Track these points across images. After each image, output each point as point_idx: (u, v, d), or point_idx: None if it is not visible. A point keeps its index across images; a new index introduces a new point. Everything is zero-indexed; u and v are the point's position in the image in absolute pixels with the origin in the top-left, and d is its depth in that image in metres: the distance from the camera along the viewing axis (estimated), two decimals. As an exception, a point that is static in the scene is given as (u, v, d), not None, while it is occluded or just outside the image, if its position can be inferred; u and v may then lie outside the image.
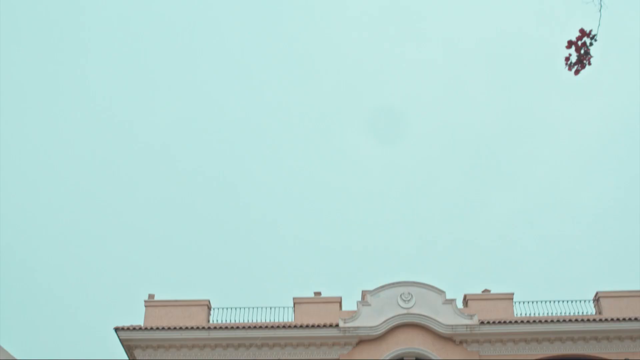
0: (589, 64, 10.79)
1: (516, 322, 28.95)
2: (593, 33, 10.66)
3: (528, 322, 28.90)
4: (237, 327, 29.33)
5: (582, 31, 10.72)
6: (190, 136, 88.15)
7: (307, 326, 29.14)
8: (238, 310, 30.39)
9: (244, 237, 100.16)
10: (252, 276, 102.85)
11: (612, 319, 28.91)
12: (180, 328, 29.15)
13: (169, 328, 29.12)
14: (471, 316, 29.19)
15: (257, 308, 30.38)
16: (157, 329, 29.10)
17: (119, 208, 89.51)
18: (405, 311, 29.55)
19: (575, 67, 10.82)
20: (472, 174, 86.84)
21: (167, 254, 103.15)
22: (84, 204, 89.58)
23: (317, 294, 31.46)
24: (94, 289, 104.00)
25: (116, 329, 28.82)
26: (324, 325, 29.14)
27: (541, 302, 30.39)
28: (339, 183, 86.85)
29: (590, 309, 30.56)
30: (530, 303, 30.46)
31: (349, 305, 31.22)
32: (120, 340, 29.07)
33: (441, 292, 29.92)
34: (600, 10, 10.52)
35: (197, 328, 29.21)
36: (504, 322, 29.02)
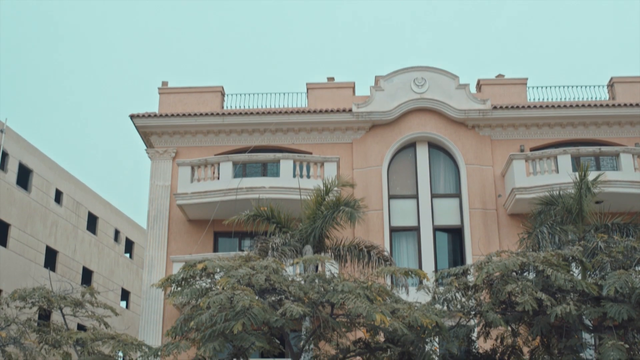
0: None
1: (529, 106, 28.96)
2: None
3: (541, 107, 28.91)
4: (251, 113, 29.56)
5: None
6: None
7: (320, 111, 29.32)
8: (251, 96, 30.51)
9: (256, 22, 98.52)
10: (264, 62, 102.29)
11: (625, 104, 28.88)
12: (195, 114, 29.42)
13: (183, 115, 29.39)
14: (484, 101, 29.19)
15: (271, 94, 30.47)
16: (172, 115, 29.38)
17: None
18: (418, 96, 29.55)
19: None
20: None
21: (180, 40, 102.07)
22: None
23: (331, 79, 31.38)
24: (109, 78, 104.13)
25: (131, 116, 29.13)
26: (337, 110, 29.31)
27: (555, 87, 30.25)
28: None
29: (604, 95, 30.49)
30: (544, 88, 30.36)
31: (362, 91, 31.24)
32: (136, 127, 29.45)
33: (454, 77, 29.75)
34: None
35: (212, 114, 29.46)
36: (517, 106, 29.06)
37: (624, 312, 14.15)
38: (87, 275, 41.56)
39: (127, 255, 47.38)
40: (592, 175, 22.58)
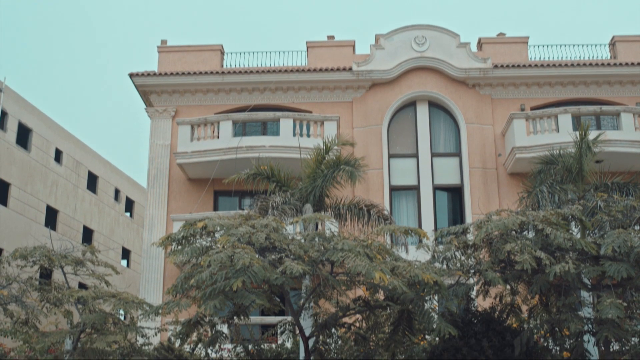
0: None
1: (530, 65, 28.83)
2: None
3: (542, 65, 28.78)
4: (251, 72, 29.43)
5: None
6: None
7: (320, 70, 29.18)
8: (251, 54, 30.36)
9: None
10: (264, 21, 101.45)
11: (626, 63, 28.74)
12: (194, 73, 29.28)
13: (182, 73, 29.26)
14: (485, 60, 29.04)
15: (271, 52, 30.32)
16: (171, 74, 29.24)
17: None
18: (418, 54, 29.40)
19: None
20: None
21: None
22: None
23: (331, 38, 31.19)
24: (109, 37, 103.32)
25: (131, 75, 28.99)
26: (338, 69, 29.17)
27: (556, 46, 30.09)
28: None
29: (605, 54, 30.32)
30: (545, 47, 30.19)
31: (362, 49, 31.10)
32: (135, 86, 29.33)
33: (455, 36, 29.56)
34: None
35: (211, 73, 29.33)
36: (518, 65, 28.92)
37: (623, 270, 14.19)
38: (87, 234, 41.71)
39: (128, 214, 47.49)
40: (592, 135, 22.52)
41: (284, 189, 20.88)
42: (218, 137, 27.68)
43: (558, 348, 18.51)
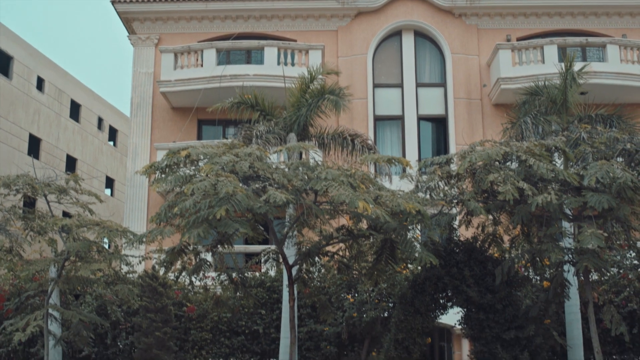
0: None
1: (517, -5, 28.56)
2: None
3: (529, -5, 28.51)
4: (235, -1, 29.01)
5: None
6: None
7: (305, -2, 28.82)
8: (235, -19, 29.85)
9: None
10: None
11: (614, -6, 28.53)
12: (178, 0, 28.82)
13: (165, 0, 28.78)
14: (472, -11, 28.73)
15: (255, -21, 29.81)
16: (154, 0, 28.76)
17: None
18: (405, -17, 29.03)
19: None
20: None
21: None
22: None
23: (316, -35, 30.66)
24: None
25: (113, 2, 28.48)
26: (323, -3, 28.81)
27: (544, -25, 29.76)
28: None
29: (593, -16, 30.04)
30: (533, -24, 29.86)
31: (348, -23, 30.65)
32: (118, 13, 28.84)
33: (443, -36, 29.17)
34: None
35: (195, 0, 28.88)
36: (505, -5, 28.63)
37: (604, 201, 14.28)
38: (71, 163, 41.54)
39: (111, 143, 47.25)
40: (577, 66, 22.45)
41: (268, 118, 20.78)
42: (202, 65, 27.41)
43: (538, 277, 18.81)
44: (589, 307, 15.87)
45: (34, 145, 38.03)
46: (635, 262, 20.17)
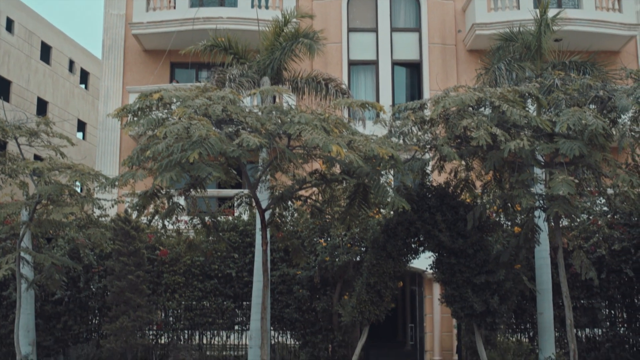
0: None
1: (494, -61, 28.27)
2: None
3: (506, -60, 28.24)
4: (208, -60, 28.48)
5: None
6: None
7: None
8: None
9: None
10: None
11: (591, -61, 28.32)
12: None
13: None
14: None
15: None
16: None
17: None
18: None
19: None
20: None
21: None
22: None
23: None
24: None
25: (83, -60, 27.88)
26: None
27: None
28: None
29: None
30: None
31: None
32: (87, -49, 28.25)
33: None
34: None
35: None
36: (482, -61, 28.33)
37: (576, 148, 14.38)
38: (42, 106, 41.04)
39: (83, 86, 46.68)
40: (552, 12, 22.39)
41: (242, 62, 20.60)
42: (174, 7, 27.03)
43: (509, 223, 18.99)
44: (558, 253, 16.09)
45: (4, 88, 37.47)
46: (605, 208, 20.45)
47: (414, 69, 28.56)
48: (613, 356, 20.00)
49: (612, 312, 20.97)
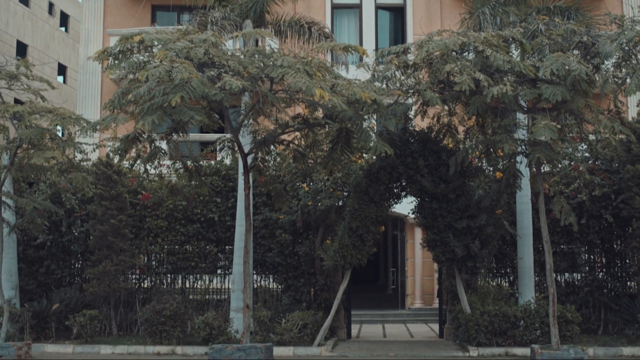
0: None
1: None
2: None
3: None
4: None
5: None
6: None
7: None
8: None
9: None
10: None
11: None
12: None
13: None
14: None
15: None
16: None
17: None
18: None
19: None
20: None
21: None
22: None
23: None
24: None
25: None
26: None
27: None
28: None
29: None
30: None
31: None
32: None
33: None
34: None
35: None
36: None
37: (559, 93, 14.39)
38: (21, 49, 40.44)
39: (63, 29, 45.98)
40: (538, -44, 22.16)
41: (224, 4, 20.31)
42: (155, -52, 26.60)
43: (492, 168, 19.08)
44: (539, 198, 16.20)
45: (-18, 30, 36.91)
46: (587, 154, 20.54)
47: (397, 13, 28.33)
48: (591, 300, 20.28)
49: (592, 257, 21.19)
